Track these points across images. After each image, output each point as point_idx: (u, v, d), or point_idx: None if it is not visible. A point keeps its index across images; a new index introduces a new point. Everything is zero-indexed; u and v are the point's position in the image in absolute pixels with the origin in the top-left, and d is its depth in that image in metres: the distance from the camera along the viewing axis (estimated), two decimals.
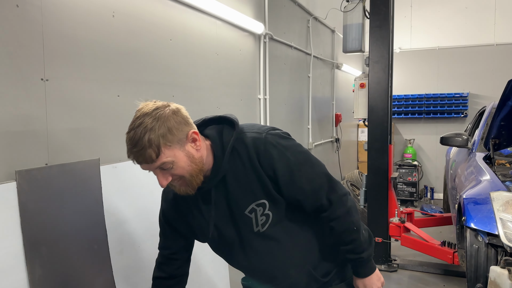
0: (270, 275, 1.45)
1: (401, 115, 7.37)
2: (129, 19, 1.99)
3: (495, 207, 2.39)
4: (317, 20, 4.99)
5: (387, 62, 3.89)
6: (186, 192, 1.26)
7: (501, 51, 6.85)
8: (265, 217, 1.33)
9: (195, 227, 1.41)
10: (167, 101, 2.11)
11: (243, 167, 1.29)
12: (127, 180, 1.97)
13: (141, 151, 1.16)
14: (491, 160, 3.16)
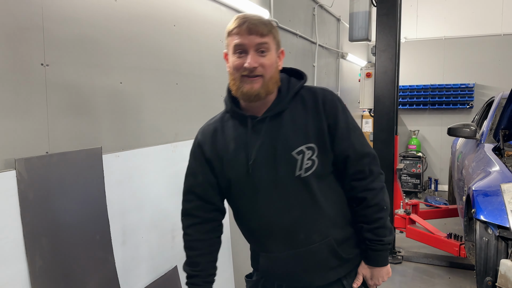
0: (291, 234, 1.37)
1: (406, 106, 7.29)
2: (131, 4, 1.92)
3: (506, 199, 2.34)
4: (322, 8, 4.89)
5: (394, 51, 3.81)
6: (256, 92, 1.29)
7: (509, 41, 6.75)
8: (311, 162, 1.33)
9: (230, 160, 1.38)
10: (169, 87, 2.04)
11: (304, 111, 1.36)
12: (130, 169, 1.92)
13: (262, 23, 1.29)
14: (500, 151, 3.11)
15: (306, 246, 1.37)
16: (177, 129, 2.25)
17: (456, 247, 3.47)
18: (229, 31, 1.32)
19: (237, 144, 1.37)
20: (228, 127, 1.40)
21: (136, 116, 1.97)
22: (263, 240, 1.43)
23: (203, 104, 2.51)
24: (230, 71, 1.34)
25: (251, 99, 1.31)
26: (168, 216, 2.16)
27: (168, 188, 2.17)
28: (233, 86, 1.33)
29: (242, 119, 1.37)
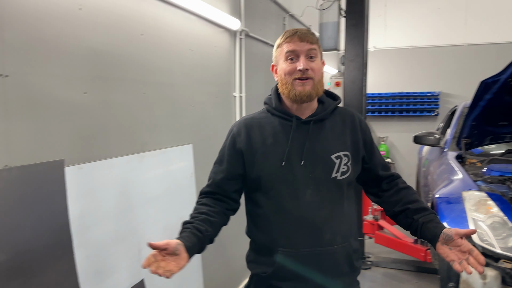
0: (319, 231, 1.45)
1: (375, 113, 7.46)
2: (97, 13, 1.89)
3: (467, 206, 2.42)
4: (293, 17, 4.95)
5: (362, 61, 3.90)
6: (308, 93, 1.44)
7: (472, 51, 7.02)
8: (347, 168, 1.49)
9: (266, 153, 1.48)
10: (136, 97, 2.02)
11: (342, 124, 1.54)
12: (95, 181, 1.88)
13: (310, 34, 1.48)
14: (462, 159, 3.22)
15: (329, 246, 1.46)
16: (144, 139, 2.22)
17: (422, 252, 3.56)
18: (280, 43, 1.50)
19: (276, 139, 1.48)
20: (267, 124, 1.52)
21: (100, 127, 1.93)
22: (289, 235, 1.46)
23: (172, 113, 2.49)
24: (280, 78, 1.49)
25: (303, 100, 1.45)
26: (135, 229, 2.13)
27: (135, 200, 2.13)
28: (285, 90, 1.47)
29: (287, 118, 1.50)
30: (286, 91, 1.46)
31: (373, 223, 4.10)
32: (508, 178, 2.78)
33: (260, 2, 3.98)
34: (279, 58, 1.49)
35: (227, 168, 1.53)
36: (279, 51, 1.50)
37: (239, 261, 3.46)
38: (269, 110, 1.55)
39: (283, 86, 1.47)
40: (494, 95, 2.74)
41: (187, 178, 2.63)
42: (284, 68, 1.46)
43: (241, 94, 3.52)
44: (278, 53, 1.50)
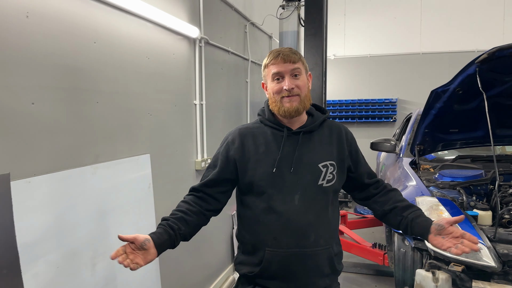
0: (305, 233, 1.57)
1: (336, 119, 7.61)
2: (46, 20, 1.82)
3: None
4: (254, 25, 4.98)
5: (321, 70, 3.97)
6: (295, 108, 1.58)
7: (426, 60, 7.32)
8: (332, 176, 1.63)
9: (259, 160, 1.61)
10: (89, 107, 1.97)
11: (329, 135, 1.69)
12: (44, 196, 1.80)
13: (292, 53, 1.60)
14: (416, 165, 3.33)
15: (313, 247, 1.58)
16: (98, 150, 2.16)
17: (380, 256, 3.65)
18: (266, 64, 1.64)
19: (268, 147, 1.62)
20: (260, 133, 1.66)
21: (50, 138, 1.85)
22: (276, 235, 1.58)
23: (128, 123, 2.43)
24: (270, 96, 1.65)
25: (292, 115, 1.59)
26: (88, 243, 2.06)
27: (88, 213, 2.06)
28: (275, 107, 1.62)
29: (279, 129, 1.65)
30: (276, 108, 1.62)
31: None
32: (458, 183, 2.90)
33: (220, 10, 3.98)
34: (267, 78, 1.65)
35: (218, 172, 1.66)
36: (266, 71, 1.65)
37: (201, 271, 3.42)
38: (262, 121, 1.70)
39: (273, 103, 1.63)
40: (444, 103, 2.86)
41: (145, 189, 2.57)
42: (272, 88, 1.61)
43: (202, 102, 3.49)
44: (266, 74, 1.65)
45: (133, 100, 2.50)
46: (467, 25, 7.09)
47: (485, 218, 2.47)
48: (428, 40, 7.31)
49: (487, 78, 2.52)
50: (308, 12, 3.94)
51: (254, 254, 1.64)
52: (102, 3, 2.19)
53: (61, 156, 1.92)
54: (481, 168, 3.23)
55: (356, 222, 4.95)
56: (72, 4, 1.98)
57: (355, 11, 7.64)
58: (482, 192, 2.90)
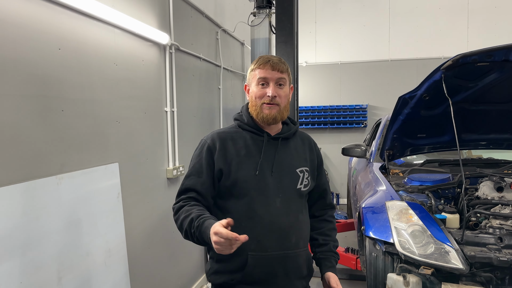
0: (286, 235, 1.61)
1: (308, 125, 7.68)
2: (6, 26, 1.75)
3: (390, 216, 2.54)
4: (226, 32, 4.98)
5: (293, 77, 3.99)
6: (274, 116, 1.62)
7: (395, 66, 7.50)
8: (308, 181, 1.72)
9: (240, 162, 1.62)
10: (53, 115, 1.91)
11: (302, 144, 1.78)
12: (6, 207, 1.72)
13: (281, 62, 1.64)
14: (386, 170, 3.38)
15: (294, 249, 1.62)
16: (63, 159, 2.08)
17: (353, 261, 3.68)
18: (253, 67, 1.66)
19: (248, 151, 1.64)
20: (239, 137, 1.67)
21: (12, 148, 1.78)
22: (260, 238, 1.58)
23: (94, 131, 2.37)
24: (251, 99, 1.67)
25: (269, 122, 1.63)
26: (53, 256, 1.98)
27: (53, 225, 1.98)
28: (254, 111, 1.65)
29: (259, 134, 1.68)
30: (255, 113, 1.65)
31: None
32: (427, 187, 2.96)
33: (191, 17, 3.96)
34: (252, 81, 1.67)
35: (207, 179, 1.63)
36: (252, 74, 1.67)
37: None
38: (240, 125, 1.71)
39: (253, 107, 1.66)
40: (412, 109, 2.92)
41: (113, 199, 2.51)
42: (255, 92, 1.64)
43: (173, 109, 3.45)
44: (251, 77, 1.67)
45: (100, 108, 2.44)
46: (433, 33, 7.31)
47: (453, 221, 2.53)
48: (397, 47, 7.50)
49: (452, 84, 2.60)
50: (279, 19, 3.97)
51: (231, 261, 1.60)
52: (67, 8, 2.13)
53: (24, 166, 1.84)
54: (448, 172, 3.31)
55: None
56: (35, 9, 1.92)
57: (325, 19, 7.76)
58: (450, 196, 2.97)
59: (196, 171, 1.64)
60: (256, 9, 4.45)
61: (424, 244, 2.37)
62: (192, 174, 1.65)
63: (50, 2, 2.00)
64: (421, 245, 2.37)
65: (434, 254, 2.30)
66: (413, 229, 2.43)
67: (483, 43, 6.95)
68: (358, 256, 3.64)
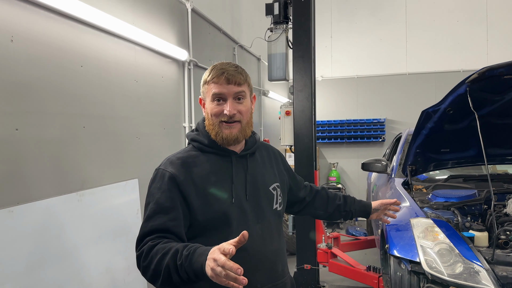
0: (274, 265, 1.44)
1: (325, 139, 7.61)
2: (31, 44, 1.78)
3: (416, 234, 2.46)
4: (242, 48, 5.01)
5: (310, 91, 3.97)
6: (235, 136, 1.38)
7: (413, 80, 7.42)
8: (281, 198, 1.54)
9: (213, 192, 1.36)
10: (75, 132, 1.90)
11: (268, 156, 1.58)
12: (27, 225, 1.72)
13: (238, 73, 1.38)
14: (409, 186, 3.30)
15: (281, 278, 1.46)
16: (84, 176, 2.08)
17: (375, 279, 3.57)
18: (207, 80, 1.38)
19: (218, 177, 1.39)
20: (202, 162, 1.40)
21: (34, 165, 1.78)
22: (249, 275, 1.23)
23: (115, 147, 2.37)
24: (208, 117, 1.42)
25: (230, 143, 1.40)
26: (73, 273, 1.96)
27: (73, 243, 1.97)
28: (212, 131, 1.40)
29: (224, 155, 1.43)
30: (213, 132, 1.39)
31: (326, 251, 4.09)
32: (452, 204, 2.87)
33: (209, 33, 3.99)
34: (206, 96, 1.41)
35: (178, 215, 1.31)
36: (206, 88, 1.40)
37: None
38: (200, 148, 1.44)
39: (210, 126, 1.40)
40: (435, 123, 2.85)
41: (133, 215, 2.49)
42: (211, 109, 1.38)
43: (191, 124, 3.45)
44: (205, 90, 1.41)
45: (121, 124, 2.44)
46: (452, 46, 7.22)
47: (481, 239, 2.43)
48: (414, 61, 7.43)
49: (478, 97, 2.52)
50: (296, 34, 3.96)
51: None
52: (90, 26, 2.16)
53: (45, 183, 1.84)
54: (473, 187, 3.20)
55: (349, 244, 4.87)
56: (59, 27, 1.94)
57: (341, 33, 7.75)
58: (476, 213, 2.86)
59: (160, 208, 1.30)
60: (273, 25, 4.46)
61: (452, 264, 2.27)
62: (156, 213, 1.30)
63: (73, 20, 2.03)
64: (449, 265, 2.28)
65: (463, 274, 2.20)
66: (440, 248, 2.33)
67: (503, 56, 6.84)
68: (380, 274, 3.53)
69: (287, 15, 4.39)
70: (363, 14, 7.67)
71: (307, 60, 3.93)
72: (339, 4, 7.81)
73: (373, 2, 7.62)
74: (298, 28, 3.97)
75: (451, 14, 7.26)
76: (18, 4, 1.71)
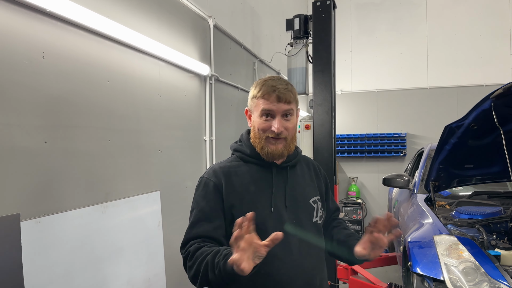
0: (311, 279, 1.40)
1: (345, 154, 7.56)
2: (60, 60, 1.84)
3: (439, 251, 2.41)
4: (262, 62, 5.05)
5: (330, 105, 3.97)
6: (280, 152, 1.41)
7: (434, 94, 7.33)
8: (322, 212, 1.52)
9: (252, 201, 1.39)
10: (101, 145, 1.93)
11: (308, 169, 1.57)
12: (53, 236, 1.76)
13: (288, 91, 1.41)
14: (432, 202, 3.24)
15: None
16: (108, 188, 2.12)
17: None
18: (257, 94, 1.42)
19: (258, 186, 1.42)
20: (243, 172, 1.44)
21: (61, 177, 1.83)
22: (284, 285, 1.34)
23: (138, 160, 2.41)
24: (254, 130, 1.45)
25: (274, 158, 1.43)
26: (97, 285, 1.99)
27: (97, 254, 2.00)
28: (258, 144, 1.43)
29: (265, 165, 1.46)
30: (258, 146, 1.43)
31: (347, 268, 4.03)
32: (477, 221, 2.81)
33: (230, 49, 4.04)
34: (254, 110, 1.44)
35: (221, 223, 1.36)
36: (255, 102, 1.43)
37: None
38: (242, 158, 1.48)
39: (256, 139, 1.44)
40: (459, 139, 2.81)
41: (154, 227, 2.52)
42: (258, 123, 1.42)
43: (212, 137, 3.48)
44: (254, 104, 1.43)
45: (144, 137, 2.49)
46: (474, 60, 7.13)
47: (508, 258, 2.36)
48: (435, 75, 7.35)
49: (503, 113, 2.49)
50: (316, 49, 3.99)
51: None
52: (117, 42, 2.22)
53: (72, 195, 1.89)
54: (498, 204, 3.13)
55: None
56: (87, 43, 2.01)
57: (361, 47, 7.74)
58: (502, 230, 2.79)
59: (204, 216, 1.37)
60: (293, 40, 4.50)
61: (477, 283, 2.21)
62: (200, 220, 1.37)
63: (100, 36, 2.09)
64: (474, 284, 2.22)
65: None
66: (465, 266, 2.28)
67: None
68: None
69: (307, 30, 4.43)
70: (383, 28, 7.66)
71: (327, 74, 3.95)
72: (359, 19, 7.83)
73: (393, 16, 7.61)
74: (318, 43, 3.99)
75: (473, 27, 7.19)
76: (49, 22, 1.78)
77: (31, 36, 1.70)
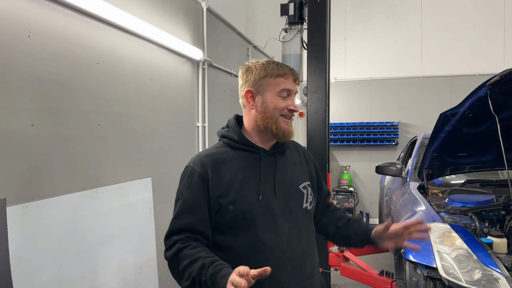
0: (301, 264, 1.41)
1: (337, 142, 7.55)
2: (48, 40, 1.77)
3: (432, 239, 2.40)
4: (256, 48, 4.99)
5: (324, 92, 3.93)
6: (292, 132, 1.44)
7: (427, 83, 7.32)
8: (312, 198, 1.51)
9: (240, 189, 1.36)
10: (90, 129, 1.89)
11: (297, 155, 1.56)
12: (41, 221, 1.71)
13: (298, 74, 1.46)
14: (424, 190, 3.24)
15: (310, 279, 1.43)
16: (98, 174, 2.08)
17: (388, 284, 3.50)
18: (273, 73, 1.40)
19: (246, 173, 1.39)
20: (231, 158, 1.41)
21: (49, 162, 1.78)
22: (273, 274, 1.25)
23: (129, 145, 2.36)
24: (266, 110, 1.40)
25: (286, 138, 1.43)
26: (86, 272, 1.95)
27: (86, 240, 1.96)
28: (268, 123, 1.39)
29: (253, 151, 1.43)
30: (270, 125, 1.39)
31: (338, 255, 4.04)
32: (470, 209, 2.81)
33: (223, 33, 3.97)
34: (267, 90, 1.40)
35: (205, 215, 1.35)
36: (268, 82, 1.39)
37: None
38: (230, 144, 1.44)
39: (267, 119, 1.39)
40: (453, 127, 2.79)
41: (146, 213, 2.48)
42: (275, 102, 1.39)
43: (204, 124, 3.44)
44: (267, 84, 1.39)
45: (135, 122, 2.44)
46: (467, 49, 7.12)
47: (500, 246, 2.36)
48: (429, 64, 7.33)
49: (498, 100, 2.47)
50: (311, 35, 3.93)
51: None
52: (106, 24, 2.15)
53: (60, 180, 1.84)
54: (491, 193, 3.13)
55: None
56: (76, 24, 1.94)
57: (356, 35, 7.69)
58: (494, 218, 2.80)
59: (189, 207, 1.35)
60: (287, 25, 4.43)
61: (470, 270, 2.22)
62: (184, 212, 1.35)
63: (89, 17, 2.03)
64: (466, 271, 2.22)
65: (482, 280, 2.15)
66: (458, 253, 2.28)
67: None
68: (394, 280, 3.47)
69: (302, 15, 4.36)
70: (377, 16, 7.61)
71: (322, 62, 3.90)
72: (354, 6, 7.75)
73: (388, 4, 7.55)
74: (313, 29, 3.93)
75: (467, 16, 7.16)
76: (35, 0, 1.71)
77: (16, 14, 1.63)
